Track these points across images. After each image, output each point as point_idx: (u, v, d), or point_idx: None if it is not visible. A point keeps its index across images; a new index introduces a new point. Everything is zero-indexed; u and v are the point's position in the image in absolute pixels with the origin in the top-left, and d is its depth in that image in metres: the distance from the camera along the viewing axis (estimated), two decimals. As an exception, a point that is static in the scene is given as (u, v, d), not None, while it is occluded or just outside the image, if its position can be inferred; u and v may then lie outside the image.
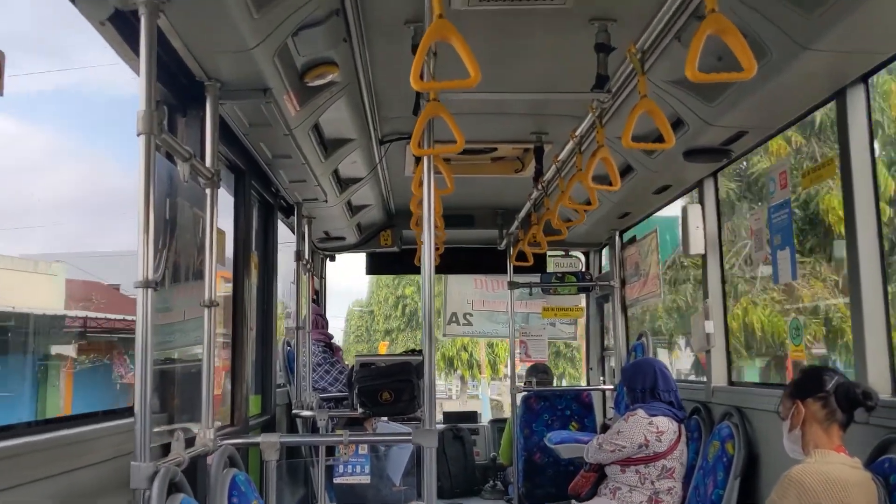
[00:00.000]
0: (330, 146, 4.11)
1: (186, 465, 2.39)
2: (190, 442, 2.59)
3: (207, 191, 2.80)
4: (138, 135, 2.16)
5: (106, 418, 2.50)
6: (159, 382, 2.70)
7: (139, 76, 2.18)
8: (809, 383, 2.71)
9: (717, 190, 4.53)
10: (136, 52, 2.32)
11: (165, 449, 2.53)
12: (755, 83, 2.88)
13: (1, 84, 2.03)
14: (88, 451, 2.26)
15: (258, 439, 3.05)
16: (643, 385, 4.04)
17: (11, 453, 1.93)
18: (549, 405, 6.30)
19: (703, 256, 4.54)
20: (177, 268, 2.87)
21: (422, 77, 2.55)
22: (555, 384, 6.69)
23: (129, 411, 2.56)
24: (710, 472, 3.99)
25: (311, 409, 4.73)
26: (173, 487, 2.14)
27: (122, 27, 2.34)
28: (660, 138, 2.80)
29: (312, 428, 4.81)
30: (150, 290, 2.14)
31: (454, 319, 8.36)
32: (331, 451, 4.41)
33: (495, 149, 4.81)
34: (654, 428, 3.86)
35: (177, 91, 2.87)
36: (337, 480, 4.03)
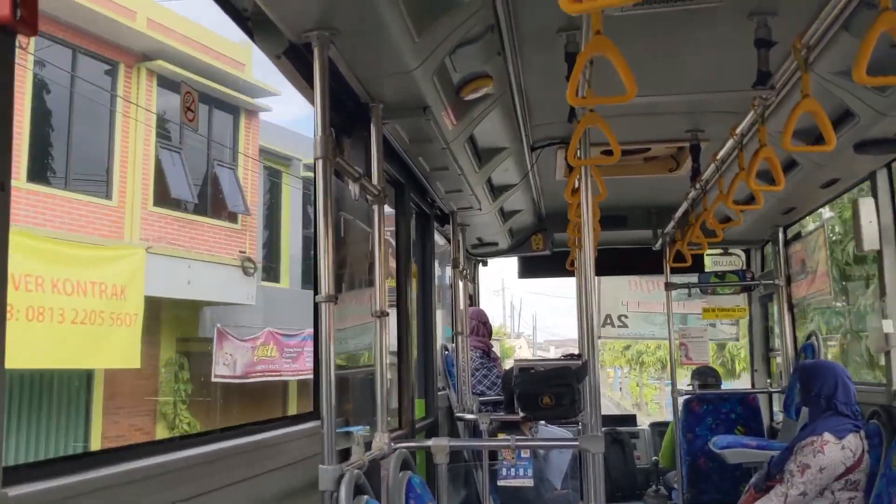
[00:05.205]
0: (483, 156, 4.20)
1: (367, 468, 2.53)
2: (367, 445, 2.73)
3: (374, 207, 2.94)
4: (315, 159, 2.33)
5: (291, 423, 2.69)
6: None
7: (314, 105, 2.34)
8: None
9: (891, 181, 4.26)
10: (308, 81, 2.49)
11: (343, 452, 2.68)
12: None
13: (196, 118, 2.24)
14: (278, 454, 2.44)
15: (429, 443, 3.17)
16: (819, 391, 3.85)
17: (211, 458, 2.12)
18: (712, 408, 6.11)
19: (879, 252, 4.28)
20: (347, 279, 3.04)
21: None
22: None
23: (310, 416, 2.75)
24: (894, 480, 3.75)
25: (472, 412, 4.84)
26: (357, 489, 2.27)
27: (295, 59, 2.52)
28: (822, 136, 2.69)
29: (473, 431, 4.92)
30: (330, 304, 2.29)
31: (609, 321, 8.27)
32: (493, 454, 4.50)
33: (648, 149, 4.75)
34: (848, 452, 3.70)
35: (343, 114, 3.04)
36: (501, 483, 4.11)
